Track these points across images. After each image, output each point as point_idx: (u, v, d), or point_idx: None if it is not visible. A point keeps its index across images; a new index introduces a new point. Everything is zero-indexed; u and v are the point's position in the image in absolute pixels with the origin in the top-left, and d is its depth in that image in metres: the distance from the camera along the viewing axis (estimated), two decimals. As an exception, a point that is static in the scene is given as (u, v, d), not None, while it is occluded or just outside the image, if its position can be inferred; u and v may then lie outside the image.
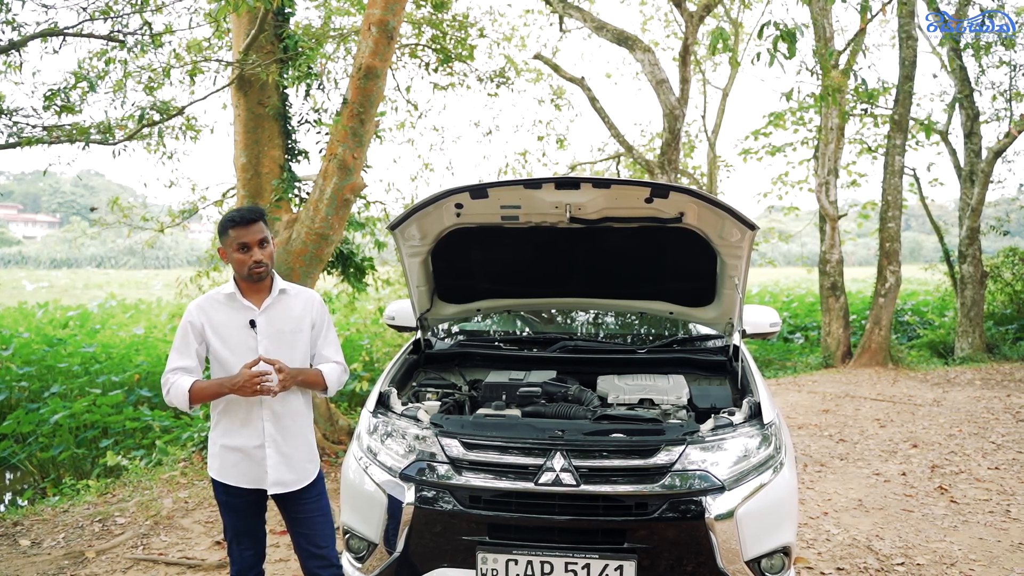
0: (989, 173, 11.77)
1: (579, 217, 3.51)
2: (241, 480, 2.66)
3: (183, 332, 2.66)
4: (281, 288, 2.73)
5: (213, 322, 2.65)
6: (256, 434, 2.64)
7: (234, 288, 2.68)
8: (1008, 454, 6.14)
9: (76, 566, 3.96)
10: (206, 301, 2.69)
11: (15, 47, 5.47)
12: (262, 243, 2.62)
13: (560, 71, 11.37)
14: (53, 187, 58.17)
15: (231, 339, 2.65)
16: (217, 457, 2.69)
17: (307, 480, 2.74)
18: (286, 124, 6.47)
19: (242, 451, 2.65)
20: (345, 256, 7.08)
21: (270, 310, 2.69)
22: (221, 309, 2.67)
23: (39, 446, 7.58)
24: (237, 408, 2.64)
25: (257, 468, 2.65)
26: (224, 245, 2.65)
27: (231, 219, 2.62)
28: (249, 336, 2.65)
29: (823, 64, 7.68)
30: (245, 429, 2.65)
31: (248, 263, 2.60)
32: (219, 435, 2.69)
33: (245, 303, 2.67)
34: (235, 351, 2.63)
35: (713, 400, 3.41)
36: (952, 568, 3.91)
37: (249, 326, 2.65)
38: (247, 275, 2.63)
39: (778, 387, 9.61)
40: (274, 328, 2.68)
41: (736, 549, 2.63)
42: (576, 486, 2.65)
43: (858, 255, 32.14)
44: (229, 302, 2.68)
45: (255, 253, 2.60)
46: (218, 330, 2.65)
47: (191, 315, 2.66)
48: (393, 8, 5.32)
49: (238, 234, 2.60)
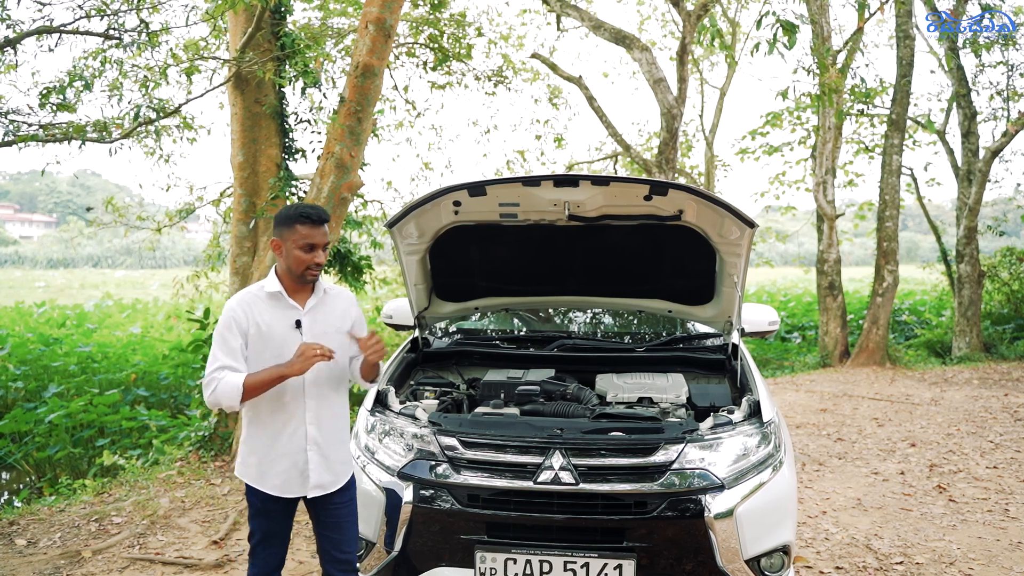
0: (986, 173, 11.77)
1: (578, 215, 3.50)
2: (281, 489, 2.54)
3: (227, 329, 2.49)
4: (324, 288, 2.63)
5: (258, 320, 2.51)
6: (299, 437, 2.53)
7: (279, 286, 2.55)
8: (1006, 453, 6.14)
9: (72, 566, 3.94)
10: (248, 298, 2.54)
11: (10, 44, 5.44)
12: (326, 246, 2.54)
13: (557, 70, 11.37)
14: (49, 187, 58.00)
15: (276, 340, 2.51)
16: (254, 464, 2.55)
17: (343, 481, 2.64)
18: (283, 123, 6.45)
19: (285, 456, 2.53)
20: (342, 255, 7.07)
21: (315, 310, 2.59)
22: (265, 308, 2.53)
23: (35, 445, 7.56)
24: (279, 411, 2.52)
25: (298, 473, 2.54)
26: (283, 237, 2.51)
27: (304, 214, 2.48)
28: (295, 336, 2.53)
29: (820, 63, 7.68)
30: (287, 432, 2.53)
31: (309, 263, 2.49)
32: (257, 440, 2.55)
33: (291, 302, 2.55)
34: (279, 352, 2.49)
35: (712, 398, 3.40)
36: (951, 567, 3.90)
37: (295, 326, 2.54)
38: (301, 275, 2.52)
39: (776, 386, 9.61)
40: (319, 328, 2.57)
41: (735, 548, 2.62)
42: (575, 485, 2.64)
43: (855, 255, 32.17)
44: (273, 300, 2.55)
45: (319, 255, 2.50)
46: (263, 329, 2.51)
47: (235, 312, 2.50)
48: (390, 6, 5.31)
49: (308, 232, 2.47)
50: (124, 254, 45.65)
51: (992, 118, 12.53)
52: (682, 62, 10.16)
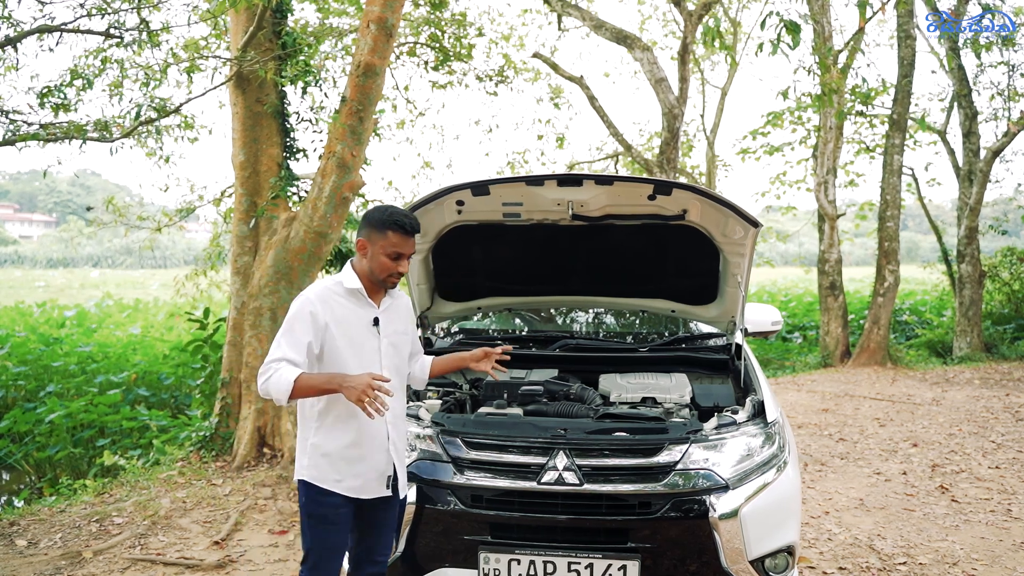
0: (987, 173, 11.77)
1: (581, 214, 3.49)
2: (358, 490, 2.45)
3: (299, 322, 2.40)
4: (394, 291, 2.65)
5: (337, 317, 2.45)
6: (381, 436, 2.48)
7: (359, 284, 2.51)
8: (1008, 453, 6.13)
9: (73, 566, 3.93)
10: (325, 293, 2.48)
11: (11, 43, 5.43)
12: (410, 256, 2.54)
13: (559, 70, 11.35)
14: (50, 186, 57.96)
15: (354, 337, 2.48)
16: (327, 465, 2.44)
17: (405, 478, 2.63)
18: (284, 122, 6.44)
19: (366, 457, 2.45)
20: (344, 254, 7.06)
21: (388, 311, 2.59)
22: (343, 303, 2.49)
23: (36, 446, 7.55)
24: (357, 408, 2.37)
25: (378, 474, 2.48)
26: (371, 240, 2.48)
27: (398, 222, 2.45)
28: (372, 335, 2.51)
29: (822, 63, 7.67)
30: (370, 431, 2.45)
31: (393, 271, 2.49)
32: (335, 440, 2.44)
33: (369, 301, 2.53)
34: (358, 350, 2.47)
35: (716, 399, 3.39)
36: (954, 567, 3.89)
37: (372, 324, 2.52)
38: (382, 281, 2.51)
39: (777, 386, 9.60)
40: (391, 328, 2.58)
41: (740, 548, 2.61)
42: (579, 485, 2.63)
43: (856, 255, 32.15)
44: (352, 298, 2.51)
45: (403, 264, 2.50)
46: (342, 326, 2.46)
47: (312, 305, 2.42)
48: (392, 5, 5.30)
49: (399, 241, 2.46)
50: (124, 254, 45.63)
51: (993, 118, 12.53)
52: (683, 62, 10.15)
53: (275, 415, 5.79)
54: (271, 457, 5.67)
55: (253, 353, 5.77)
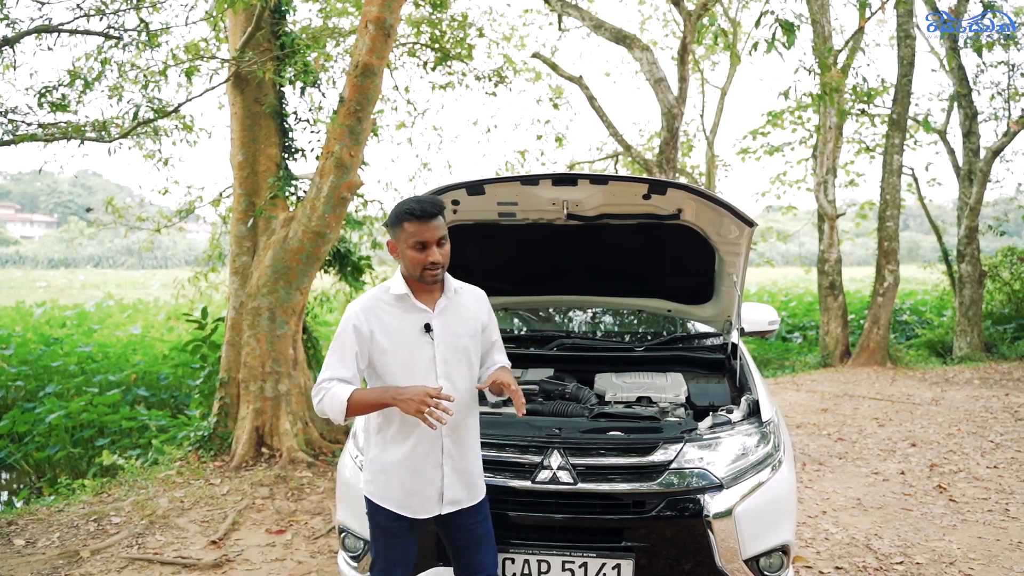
0: (987, 172, 11.76)
1: (577, 214, 3.49)
2: (412, 509, 2.33)
3: (344, 334, 2.30)
4: (455, 287, 2.42)
5: (384, 327, 2.31)
6: (435, 451, 2.32)
7: (406, 288, 2.34)
8: (1007, 453, 6.12)
9: (71, 565, 3.93)
10: (371, 302, 2.34)
11: (9, 43, 5.44)
12: (440, 241, 2.28)
13: (558, 70, 11.36)
14: (50, 187, 58.06)
15: (405, 346, 2.31)
16: (382, 481, 2.35)
17: (479, 497, 2.43)
18: (283, 122, 6.45)
19: (419, 473, 2.31)
20: (342, 255, 7.07)
21: (445, 312, 2.36)
22: (391, 311, 2.33)
23: (35, 446, 7.56)
24: (416, 424, 2.28)
25: (434, 491, 2.33)
26: (396, 239, 2.31)
27: (408, 211, 2.26)
28: (424, 342, 2.31)
29: (821, 63, 7.67)
30: (423, 446, 2.31)
31: (424, 263, 2.26)
32: (388, 455, 2.34)
33: (419, 305, 2.34)
34: (408, 360, 2.30)
35: (711, 398, 3.39)
36: (951, 567, 3.89)
37: (424, 331, 2.32)
38: (420, 276, 2.30)
39: (776, 386, 9.60)
40: (450, 332, 2.35)
41: (734, 548, 2.61)
42: (573, 484, 2.63)
43: (856, 255, 32.15)
44: (400, 304, 2.34)
45: (432, 253, 2.26)
46: (389, 336, 2.30)
47: (356, 319, 2.30)
48: (390, 6, 5.30)
49: (415, 229, 2.25)
50: (125, 254, 45.70)
51: (993, 118, 12.53)
52: (683, 62, 10.15)
53: (273, 415, 5.79)
54: (269, 457, 5.68)
55: (251, 353, 5.78)
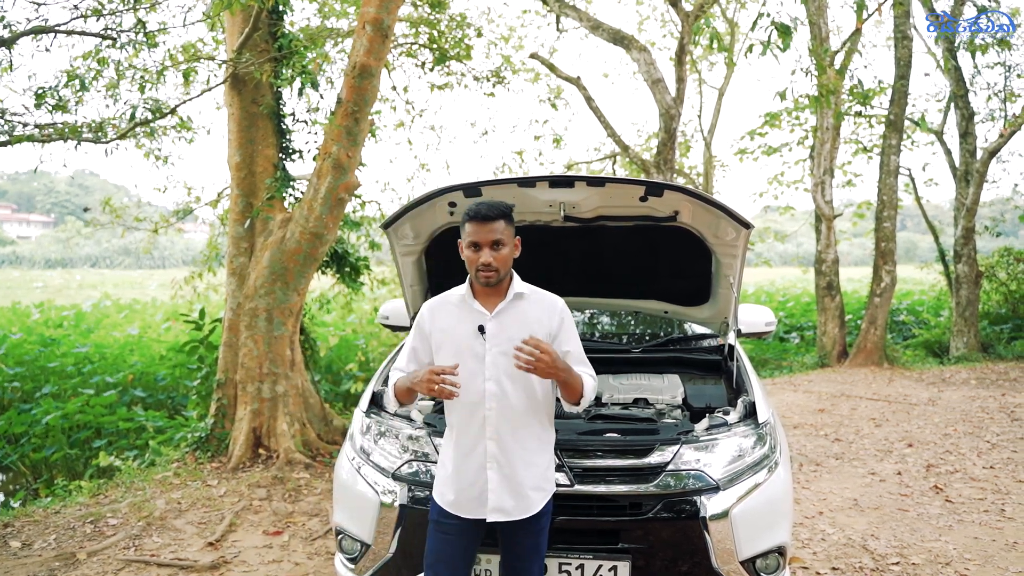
0: (984, 173, 11.79)
1: (573, 216, 3.49)
2: (456, 506, 2.34)
3: (412, 333, 2.44)
4: (518, 291, 2.39)
5: (441, 326, 2.38)
6: (479, 453, 2.32)
7: (467, 289, 2.38)
8: (1003, 453, 6.14)
9: (67, 567, 3.93)
10: (438, 302, 2.43)
11: (5, 44, 5.43)
12: (495, 244, 2.28)
13: (556, 71, 11.37)
14: (47, 187, 57.96)
15: (456, 346, 2.34)
16: (440, 476, 2.42)
17: (531, 510, 2.34)
18: (280, 123, 6.44)
19: (465, 472, 2.34)
20: (340, 256, 7.06)
21: (503, 315, 2.35)
22: (452, 311, 2.39)
23: (31, 447, 7.54)
24: (467, 423, 2.33)
25: (477, 493, 2.32)
26: (461, 238, 2.37)
27: (469, 211, 2.30)
28: (477, 343, 2.32)
29: (819, 64, 7.68)
30: (468, 446, 2.34)
31: (476, 264, 2.29)
32: (445, 450, 2.42)
33: (476, 306, 2.35)
34: (458, 359, 2.30)
35: (708, 399, 3.40)
36: (947, 567, 3.90)
37: (478, 332, 2.33)
38: (475, 277, 2.33)
39: (774, 387, 9.61)
40: (506, 335, 2.32)
41: (731, 549, 2.61)
42: (570, 486, 2.64)
43: (854, 255, 32.22)
44: (461, 304, 2.39)
45: (484, 255, 2.27)
46: (446, 334, 2.36)
47: (421, 317, 2.41)
48: (388, 7, 5.30)
49: (473, 230, 2.28)
50: (122, 254, 45.63)
51: (989, 119, 12.55)
52: (680, 62, 10.16)
53: (271, 416, 5.79)
54: (266, 458, 5.68)
55: (249, 354, 5.77)
